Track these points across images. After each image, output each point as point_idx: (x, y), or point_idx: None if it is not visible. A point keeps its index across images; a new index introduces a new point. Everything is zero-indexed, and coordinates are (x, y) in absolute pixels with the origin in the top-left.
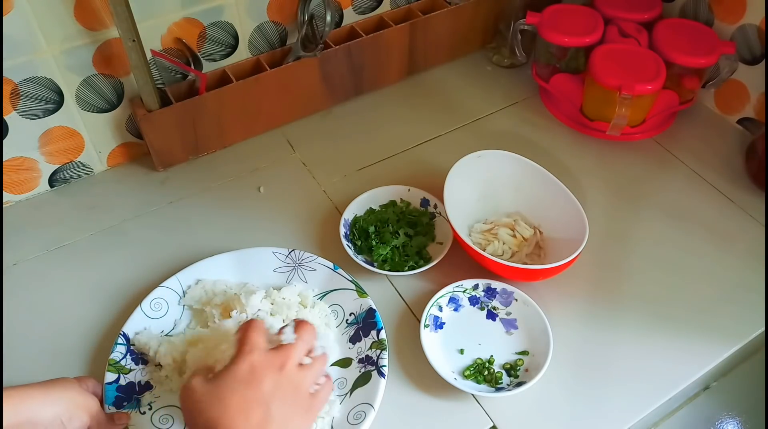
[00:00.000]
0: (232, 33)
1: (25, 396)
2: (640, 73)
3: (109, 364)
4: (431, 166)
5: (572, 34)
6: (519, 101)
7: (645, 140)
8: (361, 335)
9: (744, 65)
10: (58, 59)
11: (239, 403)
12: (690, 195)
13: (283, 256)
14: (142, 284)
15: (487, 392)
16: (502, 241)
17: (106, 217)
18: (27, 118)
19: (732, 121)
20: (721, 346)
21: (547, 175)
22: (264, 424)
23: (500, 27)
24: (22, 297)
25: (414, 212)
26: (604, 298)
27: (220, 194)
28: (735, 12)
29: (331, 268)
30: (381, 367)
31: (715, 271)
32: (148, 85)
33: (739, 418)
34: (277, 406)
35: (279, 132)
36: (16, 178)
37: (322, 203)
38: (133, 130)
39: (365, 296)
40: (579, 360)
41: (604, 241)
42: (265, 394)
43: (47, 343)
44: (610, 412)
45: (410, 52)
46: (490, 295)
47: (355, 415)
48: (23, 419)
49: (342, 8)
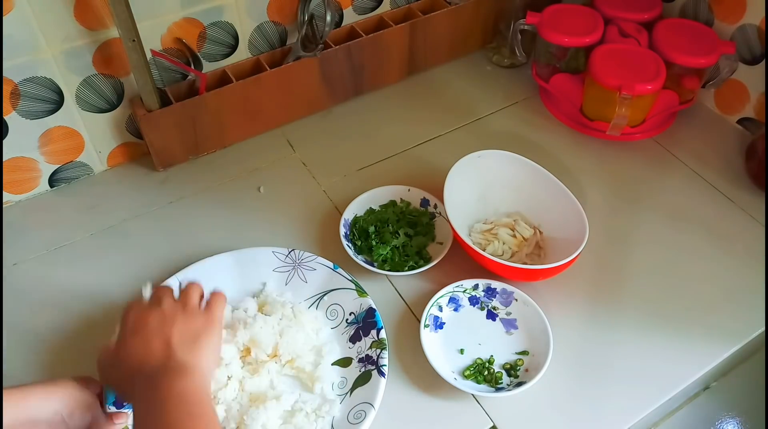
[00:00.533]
0: (232, 33)
1: (26, 394)
2: (640, 73)
3: None
4: (431, 166)
5: (572, 34)
6: (519, 101)
7: (645, 140)
8: (361, 335)
9: (744, 65)
10: (58, 59)
11: (138, 343)
12: (690, 195)
13: (282, 256)
14: (141, 284)
15: (487, 392)
16: (502, 241)
17: (106, 217)
18: (27, 118)
19: (732, 121)
20: (721, 346)
21: (547, 175)
22: (166, 347)
23: (500, 27)
24: (22, 297)
25: (414, 212)
26: (604, 298)
27: (220, 194)
28: (735, 12)
29: (331, 268)
30: (381, 366)
31: (715, 270)
32: (148, 85)
33: (739, 418)
34: (172, 330)
35: (279, 132)
36: (16, 178)
37: (322, 203)
38: (133, 130)
39: (365, 296)
40: (579, 360)
41: (604, 241)
42: (156, 326)
43: (47, 344)
44: (610, 412)
45: (410, 52)
46: (490, 295)
47: (356, 414)
48: (24, 418)
49: (342, 8)
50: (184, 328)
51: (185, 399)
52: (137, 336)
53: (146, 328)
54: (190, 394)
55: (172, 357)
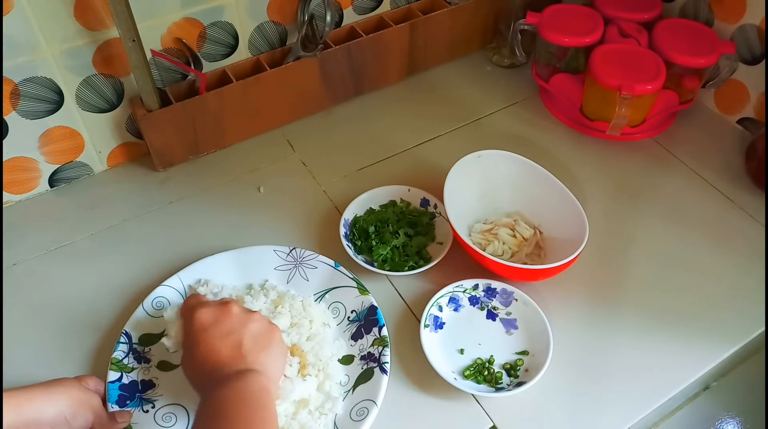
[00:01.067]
0: (232, 33)
1: (28, 396)
2: (640, 73)
3: (112, 362)
4: (431, 166)
5: (572, 34)
6: (519, 101)
7: (645, 140)
8: (362, 332)
9: (744, 65)
10: (58, 59)
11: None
12: (690, 195)
13: (284, 254)
14: (142, 284)
15: (487, 392)
16: (502, 241)
17: (106, 217)
18: (27, 118)
19: (732, 121)
20: (721, 346)
21: (547, 175)
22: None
23: (500, 27)
24: (22, 297)
25: (414, 212)
26: (604, 297)
27: (220, 194)
28: (735, 12)
29: (332, 266)
30: (383, 363)
31: (715, 270)
32: (148, 85)
33: (739, 418)
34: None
35: (279, 132)
36: (16, 178)
37: (322, 203)
38: (133, 130)
39: (366, 293)
40: (579, 360)
41: (604, 241)
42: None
43: (47, 344)
44: (610, 412)
45: (410, 52)
46: (490, 295)
47: (358, 411)
48: (27, 419)
49: (342, 8)
50: (255, 332)
51: (252, 402)
52: (208, 335)
53: (217, 329)
54: (256, 398)
55: (242, 360)
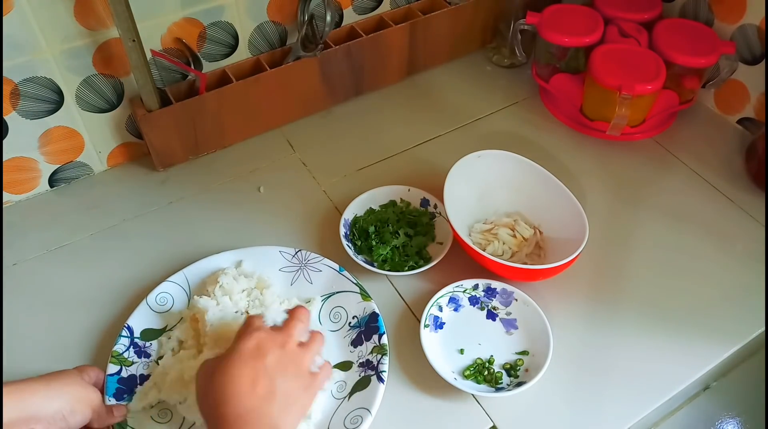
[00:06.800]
0: (232, 33)
1: (27, 391)
2: (640, 73)
3: (112, 355)
4: (431, 166)
5: (572, 34)
6: (519, 101)
7: (645, 140)
8: (362, 339)
9: (744, 65)
10: (58, 59)
11: (247, 375)
12: (690, 195)
13: (289, 256)
14: (142, 284)
15: (487, 392)
16: (502, 241)
17: (106, 217)
18: (27, 118)
19: (732, 121)
20: (721, 346)
21: (547, 175)
22: (269, 396)
23: (500, 27)
24: (22, 297)
25: (414, 212)
26: (604, 297)
27: (220, 194)
28: (735, 12)
29: (337, 270)
30: (381, 372)
31: (715, 270)
32: (148, 85)
33: (739, 418)
34: (281, 381)
35: (279, 132)
36: (16, 178)
37: (322, 203)
38: (133, 130)
39: (369, 300)
40: (579, 360)
41: (604, 241)
42: (270, 368)
43: (47, 344)
44: (610, 412)
45: (410, 52)
46: (490, 295)
47: (352, 419)
48: (26, 415)
49: (342, 8)
50: (290, 386)
51: None
52: (253, 364)
53: (263, 363)
54: None
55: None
